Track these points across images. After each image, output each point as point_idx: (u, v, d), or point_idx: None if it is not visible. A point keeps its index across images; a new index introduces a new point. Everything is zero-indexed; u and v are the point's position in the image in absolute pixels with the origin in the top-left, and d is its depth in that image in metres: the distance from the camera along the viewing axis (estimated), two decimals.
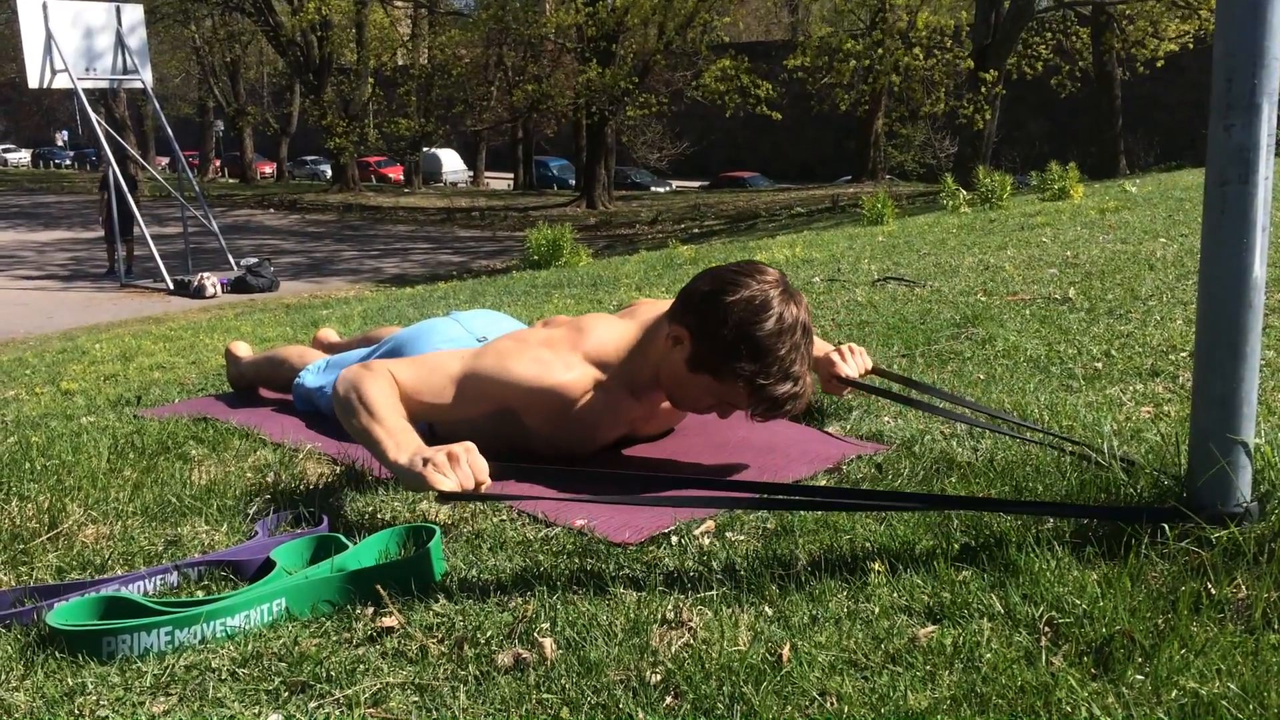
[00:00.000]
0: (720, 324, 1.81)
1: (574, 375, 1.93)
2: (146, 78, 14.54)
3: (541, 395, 1.92)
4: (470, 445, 1.64)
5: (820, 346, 2.27)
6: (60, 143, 51.11)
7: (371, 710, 1.14)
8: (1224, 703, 1.05)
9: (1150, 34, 19.17)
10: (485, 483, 1.61)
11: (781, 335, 1.80)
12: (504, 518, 1.71)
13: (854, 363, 2.23)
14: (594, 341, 1.98)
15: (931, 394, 2.23)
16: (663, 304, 2.05)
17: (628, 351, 1.97)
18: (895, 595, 1.34)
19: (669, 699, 1.13)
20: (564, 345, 1.96)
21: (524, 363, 1.92)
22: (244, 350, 2.90)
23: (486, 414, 1.97)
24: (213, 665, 1.25)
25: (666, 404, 2.07)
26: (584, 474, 1.85)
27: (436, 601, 1.38)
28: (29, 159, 51.34)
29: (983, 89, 17.43)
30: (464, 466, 1.60)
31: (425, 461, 1.60)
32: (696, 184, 35.36)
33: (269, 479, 1.98)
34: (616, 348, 1.98)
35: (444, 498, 1.62)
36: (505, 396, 1.92)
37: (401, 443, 1.69)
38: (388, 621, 1.33)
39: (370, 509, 1.78)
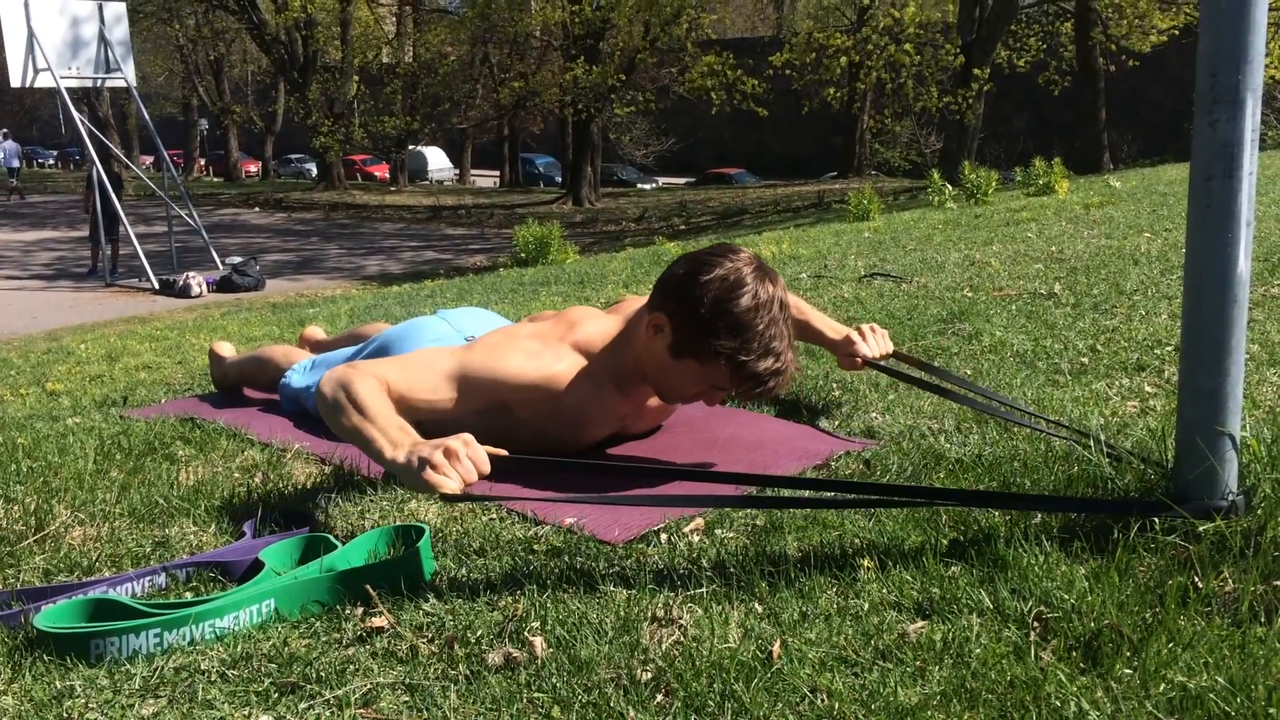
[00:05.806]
0: (697, 304, 1.82)
1: (564, 366, 1.95)
2: (129, 75, 14.45)
3: (533, 387, 1.92)
4: (468, 438, 1.56)
5: (839, 327, 2.30)
6: None
7: (362, 711, 1.14)
8: (1211, 695, 1.06)
9: (1136, 27, 19.24)
10: (486, 471, 1.54)
11: (758, 310, 1.81)
12: (493, 516, 1.71)
13: (874, 343, 2.24)
14: (582, 334, 2.00)
15: (948, 380, 2.22)
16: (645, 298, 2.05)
17: (613, 345, 1.99)
18: (885, 591, 1.34)
19: (660, 697, 1.13)
20: (553, 337, 1.98)
21: (516, 355, 1.93)
22: (228, 350, 2.89)
23: (477, 409, 1.95)
24: (202, 667, 1.25)
25: (654, 400, 2.07)
26: (584, 466, 1.86)
27: (426, 601, 1.38)
28: None
29: (974, 85, 17.45)
30: (464, 461, 1.53)
31: (423, 461, 1.53)
32: (683, 180, 35.29)
33: (257, 479, 1.97)
34: (603, 342, 1.99)
35: (447, 499, 1.57)
36: (498, 390, 1.92)
37: (397, 439, 1.61)
38: (377, 621, 1.33)
39: (359, 509, 1.78)
